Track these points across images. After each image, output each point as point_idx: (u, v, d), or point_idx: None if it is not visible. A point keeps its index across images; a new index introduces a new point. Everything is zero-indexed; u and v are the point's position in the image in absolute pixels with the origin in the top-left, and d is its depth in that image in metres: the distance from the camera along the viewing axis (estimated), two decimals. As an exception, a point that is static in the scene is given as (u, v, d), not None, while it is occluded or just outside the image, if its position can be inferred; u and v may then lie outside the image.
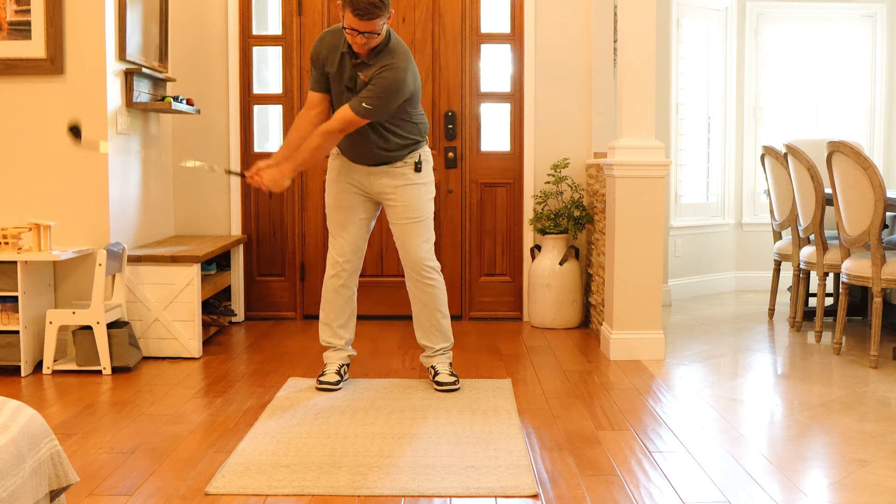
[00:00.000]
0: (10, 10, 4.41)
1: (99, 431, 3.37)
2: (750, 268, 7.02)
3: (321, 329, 4.08)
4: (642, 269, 4.56)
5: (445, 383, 3.94)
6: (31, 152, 4.51)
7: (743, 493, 2.76)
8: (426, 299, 4.01)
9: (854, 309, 5.59)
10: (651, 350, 4.57)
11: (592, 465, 3.01)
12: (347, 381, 4.08)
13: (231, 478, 2.86)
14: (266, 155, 5.72)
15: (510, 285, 5.77)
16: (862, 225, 4.45)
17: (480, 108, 5.71)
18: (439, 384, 3.95)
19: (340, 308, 4.04)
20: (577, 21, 5.65)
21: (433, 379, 3.99)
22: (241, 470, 2.93)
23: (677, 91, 6.40)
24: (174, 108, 4.91)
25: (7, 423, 2.01)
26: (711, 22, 6.72)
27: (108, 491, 2.77)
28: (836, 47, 6.92)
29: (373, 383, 4.07)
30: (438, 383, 3.95)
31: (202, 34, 5.61)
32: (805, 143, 5.62)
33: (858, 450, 3.16)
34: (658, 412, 3.64)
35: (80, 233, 4.53)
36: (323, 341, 4.07)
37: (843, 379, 4.19)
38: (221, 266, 5.55)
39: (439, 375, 3.98)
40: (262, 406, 3.72)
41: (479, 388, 3.98)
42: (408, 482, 2.83)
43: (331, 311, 4.05)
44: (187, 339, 4.56)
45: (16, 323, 4.22)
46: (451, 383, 3.95)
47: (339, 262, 4.00)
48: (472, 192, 5.70)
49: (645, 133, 4.56)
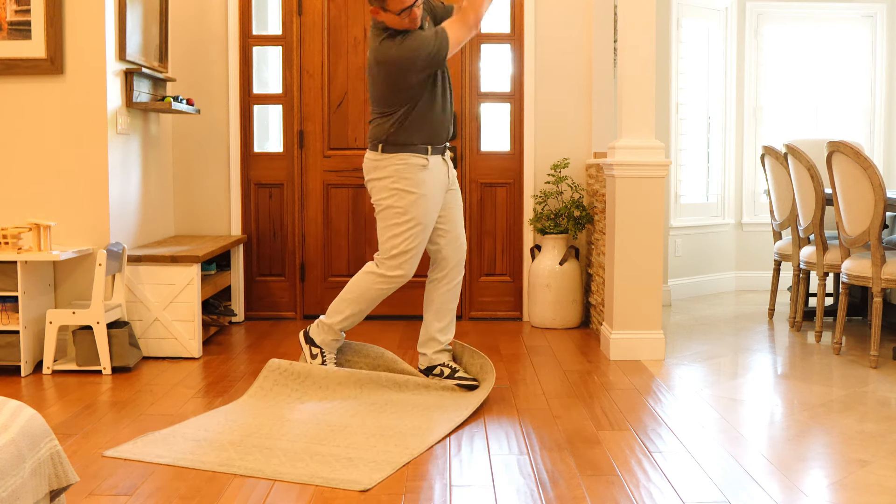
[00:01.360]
0: (10, 10, 4.41)
1: (99, 431, 3.37)
2: (750, 268, 7.02)
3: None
4: (642, 269, 4.56)
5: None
6: (31, 152, 4.51)
7: (743, 493, 2.76)
8: (455, 291, 4.04)
9: (854, 309, 5.59)
10: (651, 350, 4.57)
11: (592, 465, 3.01)
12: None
13: (138, 444, 3.13)
14: (267, 155, 5.73)
15: (510, 285, 5.77)
16: (862, 225, 4.45)
17: (480, 108, 5.71)
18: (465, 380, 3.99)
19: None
20: (577, 21, 5.65)
21: (456, 376, 3.98)
22: (159, 439, 3.19)
23: (677, 91, 6.40)
24: (174, 108, 4.91)
25: (7, 423, 2.01)
26: (711, 22, 6.72)
27: (108, 491, 2.77)
28: (836, 47, 6.92)
29: (369, 375, 4.07)
30: (465, 378, 3.99)
31: (202, 34, 5.61)
32: (805, 143, 5.62)
33: (858, 450, 3.16)
34: (658, 412, 3.64)
35: (80, 233, 4.53)
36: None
37: (843, 379, 4.19)
38: (221, 266, 5.55)
39: (459, 372, 4.01)
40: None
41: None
42: (278, 465, 2.98)
43: (365, 311, 4.00)
44: (187, 339, 4.56)
45: (16, 323, 4.22)
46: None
47: (406, 277, 3.92)
48: (473, 192, 5.70)
49: (645, 133, 4.56)
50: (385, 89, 3.79)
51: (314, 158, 5.69)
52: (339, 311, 3.97)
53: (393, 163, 3.81)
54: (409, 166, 3.80)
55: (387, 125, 3.81)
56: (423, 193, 3.81)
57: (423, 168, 3.81)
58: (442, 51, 3.73)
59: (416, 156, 3.81)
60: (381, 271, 3.89)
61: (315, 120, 5.68)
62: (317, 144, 5.68)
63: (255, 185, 5.70)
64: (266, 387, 3.81)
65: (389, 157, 3.81)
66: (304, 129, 5.68)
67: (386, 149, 3.82)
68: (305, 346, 4.03)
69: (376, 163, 3.86)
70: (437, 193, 3.87)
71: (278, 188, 5.70)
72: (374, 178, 3.88)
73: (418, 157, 3.82)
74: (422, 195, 3.80)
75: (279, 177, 5.70)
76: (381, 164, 3.83)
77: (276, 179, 5.70)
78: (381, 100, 3.83)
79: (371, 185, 3.91)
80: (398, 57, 3.70)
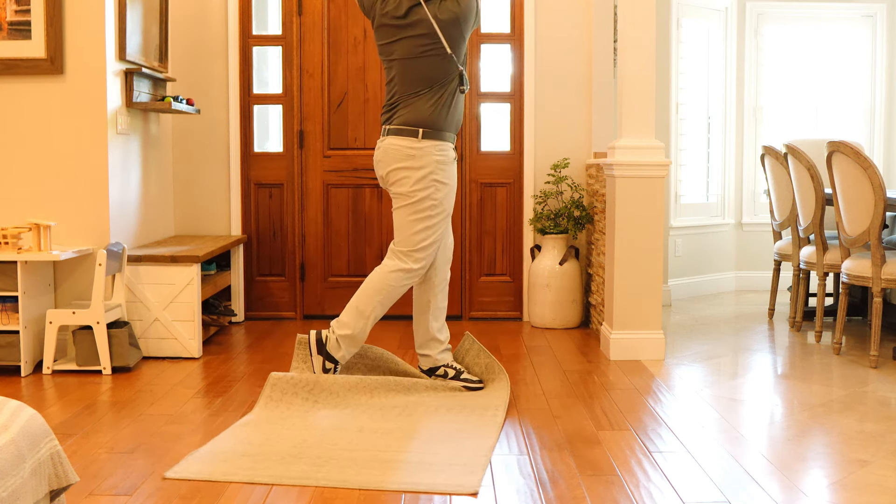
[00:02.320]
0: (10, 10, 4.41)
1: (99, 431, 3.37)
2: (750, 268, 7.02)
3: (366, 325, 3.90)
4: (642, 269, 4.56)
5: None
6: (31, 152, 4.51)
7: (743, 493, 2.76)
8: (446, 290, 4.03)
9: (854, 309, 5.59)
10: (651, 350, 4.57)
11: (592, 465, 3.01)
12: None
13: (192, 463, 2.94)
14: (267, 155, 5.73)
15: (510, 285, 5.77)
16: (862, 225, 4.45)
17: (480, 108, 5.71)
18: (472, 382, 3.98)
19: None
20: (577, 21, 5.65)
21: (461, 377, 3.97)
22: (210, 457, 3.01)
23: (677, 91, 6.40)
24: (174, 108, 4.91)
25: (7, 423, 2.01)
26: (711, 22, 6.72)
27: (108, 491, 2.77)
28: (836, 47, 6.92)
29: (377, 380, 4.06)
30: (470, 381, 3.98)
31: (202, 34, 5.61)
32: (805, 143, 5.62)
33: (858, 450, 3.16)
34: (658, 412, 3.64)
35: (80, 233, 4.53)
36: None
37: (843, 379, 4.19)
38: (221, 266, 5.55)
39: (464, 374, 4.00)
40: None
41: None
42: (352, 475, 2.86)
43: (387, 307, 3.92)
44: (187, 339, 4.56)
45: (16, 323, 4.22)
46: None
47: (427, 268, 3.88)
48: (472, 191, 5.70)
49: (645, 133, 4.56)
50: (436, 59, 3.72)
51: (314, 158, 5.69)
52: (365, 317, 3.79)
53: (432, 152, 3.72)
54: (446, 157, 3.78)
55: (425, 107, 3.71)
56: (454, 185, 3.83)
57: (454, 160, 3.83)
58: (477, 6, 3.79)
59: (449, 145, 3.80)
60: (408, 265, 3.77)
61: (315, 120, 5.68)
62: (317, 144, 5.69)
63: (255, 185, 5.70)
64: (275, 397, 3.66)
65: (429, 145, 3.72)
66: (304, 129, 5.68)
67: (427, 135, 3.71)
68: (317, 357, 3.82)
69: (412, 151, 3.71)
70: (453, 185, 3.87)
71: (278, 188, 5.71)
72: (407, 166, 3.73)
73: (450, 147, 3.80)
74: (452, 187, 3.81)
75: (279, 177, 5.70)
76: (419, 153, 3.71)
77: (276, 179, 5.70)
78: (427, 75, 3.73)
79: (400, 174, 3.75)
80: (463, 10, 3.69)
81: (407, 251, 3.78)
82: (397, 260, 3.81)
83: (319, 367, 3.83)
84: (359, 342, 3.85)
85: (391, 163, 3.76)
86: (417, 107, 3.72)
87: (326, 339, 3.84)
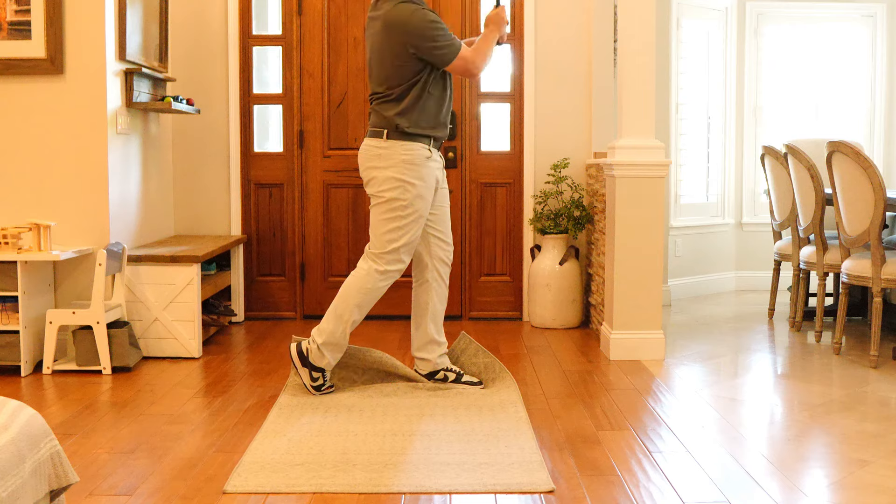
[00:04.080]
0: (10, 10, 4.41)
1: (99, 431, 3.37)
2: (750, 268, 7.02)
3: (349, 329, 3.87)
4: (642, 269, 4.56)
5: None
6: (31, 152, 4.51)
7: (743, 493, 2.76)
8: (445, 293, 4.01)
9: (854, 309, 5.59)
10: (651, 350, 4.57)
11: (592, 465, 3.01)
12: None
13: (247, 476, 2.87)
14: (267, 155, 5.73)
15: (510, 285, 5.77)
16: (862, 225, 4.45)
17: (480, 108, 5.71)
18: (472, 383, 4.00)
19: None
20: (577, 21, 5.65)
21: (462, 381, 3.98)
22: (257, 469, 2.93)
23: (677, 91, 6.40)
24: (174, 108, 4.91)
25: (7, 423, 2.01)
26: (711, 22, 6.72)
27: (108, 491, 2.77)
28: (836, 47, 6.92)
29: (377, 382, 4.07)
30: (472, 383, 3.99)
31: (202, 34, 5.61)
32: (805, 143, 5.62)
33: (858, 450, 3.16)
34: (658, 412, 3.64)
35: (80, 233, 4.53)
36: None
37: (843, 379, 4.19)
38: (221, 266, 5.55)
39: (465, 376, 4.01)
40: (262, 405, 3.71)
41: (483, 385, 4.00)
42: (423, 479, 2.84)
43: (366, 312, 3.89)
44: (187, 339, 4.56)
45: (16, 323, 4.22)
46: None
47: (403, 268, 3.84)
48: (472, 192, 5.70)
49: (645, 133, 4.56)
50: (389, 62, 3.68)
51: (314, 158, 5.69)
52: (343, 321, 3.76)
53: (399, 152, 3.70)
54: (415, 157, 3.72)
55: (392, 111, 3.69)
56: (427, 185, 3.76)
57: (428, 159, 3.76)
58: (453, 47, 3.69)
59: (421, 146, 3.74)
60: (381, 267, 3.75)
61: (315, 120, 5.68)
62: (317, 144, 5.69)
63: (255, 184, 5.70)
64: (291, 404, 3.66)
65: (395, 145, 3.71)
66: (304, 129, 5.68)
67: (392, 136, 3.71)
68: (303, 370, 3.80)
69: (379, 151, 3.73)
70: (433, 187, 3.83)
71: (278, 188, 5.71)
72: (374, 166, 3.74)
73: (423, 147, 3.74)
74: (426, 187, 3.75)
75: (279, 177, 5.70)
76: (385, 154, 3.72)
77: (276, 179, 5.70)
78: (384, 76, 3.71)
79: (370, 174, 3.76)
80: (413, 23, 3.62)
81: (378, 252, 3.76)
82: (370, 261, 3.78)
83: (307, 378, 3.82)
84: (342, 346, 3.82)
85: (363, 163, 3.81)
86: (384, 107, 3.74)
87: (308, 350, 3.82)
